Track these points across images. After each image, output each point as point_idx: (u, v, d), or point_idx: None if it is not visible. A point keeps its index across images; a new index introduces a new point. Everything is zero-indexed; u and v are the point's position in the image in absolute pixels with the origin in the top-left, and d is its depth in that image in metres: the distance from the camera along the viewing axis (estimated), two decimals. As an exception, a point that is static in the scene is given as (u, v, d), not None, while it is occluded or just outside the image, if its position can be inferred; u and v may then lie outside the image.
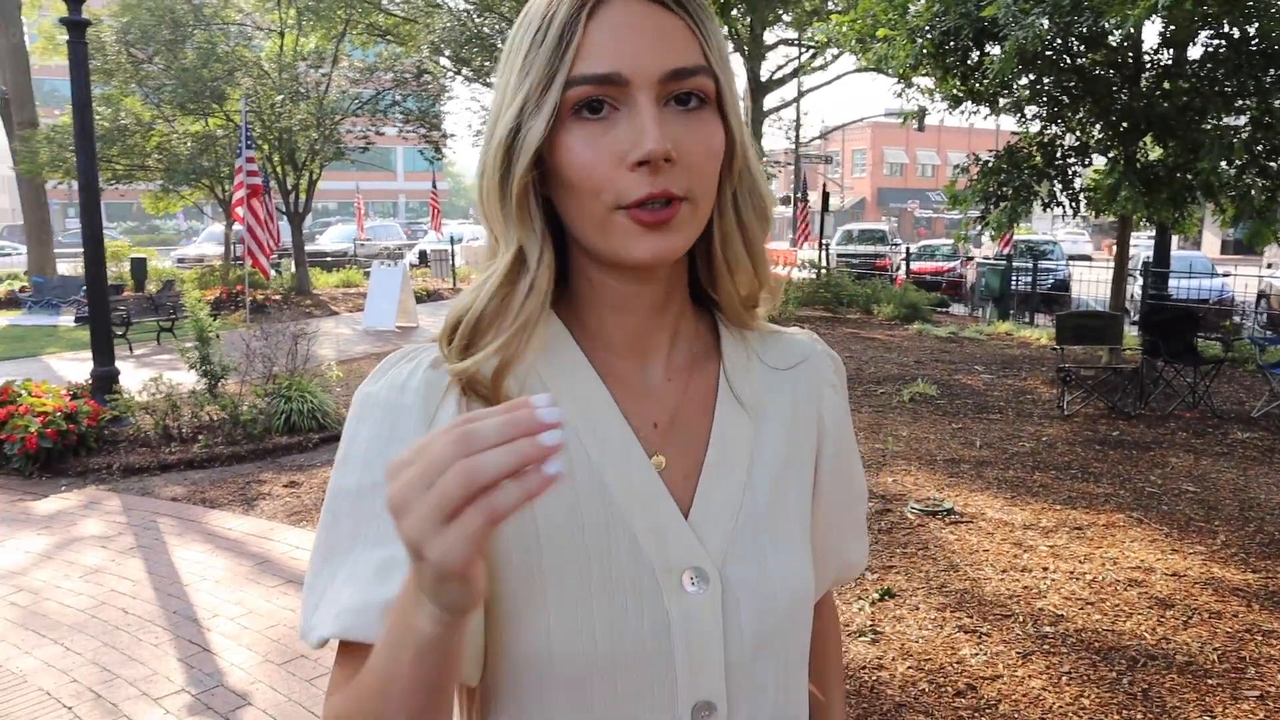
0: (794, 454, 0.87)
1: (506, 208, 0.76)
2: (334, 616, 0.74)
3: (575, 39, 0.71)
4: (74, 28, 7.51)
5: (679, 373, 0.84)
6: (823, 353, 0.93)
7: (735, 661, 0.79)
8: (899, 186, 65.77)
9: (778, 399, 0.87)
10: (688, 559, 0.78)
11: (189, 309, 8.36)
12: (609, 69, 0.71)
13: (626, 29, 0.72)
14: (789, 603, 0.82)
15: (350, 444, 0.78)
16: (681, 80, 0.73)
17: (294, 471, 6.83)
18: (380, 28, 21.36)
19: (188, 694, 3.65)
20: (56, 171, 17.72)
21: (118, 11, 18.98)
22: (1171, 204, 8.91)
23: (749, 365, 0.87)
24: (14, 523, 5.82)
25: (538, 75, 0.72)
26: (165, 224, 51.62)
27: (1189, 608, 4.31)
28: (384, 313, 14.73)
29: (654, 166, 0.71)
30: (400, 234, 34.19)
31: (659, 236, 0.73)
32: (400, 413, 0.77)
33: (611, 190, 0.72)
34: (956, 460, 6.83)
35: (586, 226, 0.75)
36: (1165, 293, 12.88)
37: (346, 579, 0.75)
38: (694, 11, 0.74)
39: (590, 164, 0.72)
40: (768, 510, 0.83)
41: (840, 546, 0.95)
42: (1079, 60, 9.33)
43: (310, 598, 0.77)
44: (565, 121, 0.73)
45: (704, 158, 0.74)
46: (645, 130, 0.71)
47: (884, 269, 21.27)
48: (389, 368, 0.80)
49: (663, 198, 0.72)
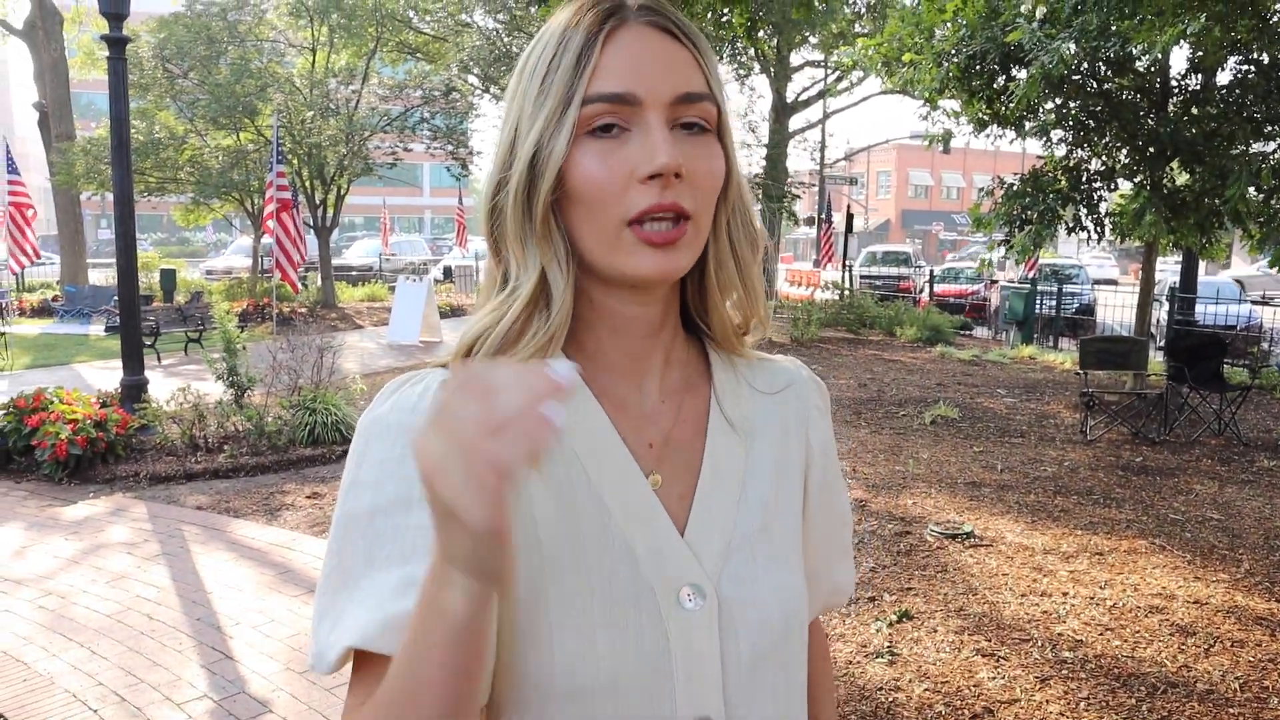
0: (784, 475, 0.89)
1: (530, 227, 0.78)
2: (354, 629, 0.73)
3: (592, 61, 0.75)
4: (114, 44, 7.67)
5: (672, 395, 0.86)
6: (808, 378, 0.96)
7: (733, 677, 0.80)
8: (924, 209, 65.55)
9: (767, 422, 0.90)
10: (685, 576, 0.79)
11: (218, 320, 8.48)
12: (624, 88, 0.75)
13: (640, 54, 0.76)
14: (783, 619, 0.83)
15: (359, 468, 0.78)
16: (690, 104, 0.77)
17: (317, 483, 6.90)
18: (410, 46, 21.64)
19: (210, 699, 3.70)
20: (91, 183, 18.04)
21: (155, 28, 19.36)
22: (1198, 229, 8.87)
23: (739, 389, 0.89)
24: (43, 528, 5.91)
25: (556, 97, 0.76)
26: (194, 236, 52.28)
27: (1210, 636, 4.27)
28: (408, 327, 14.84)
29: (665, 181, 0.75)
30: (425, 249, 34.47)
31: (665, 255, 0.76)
32: (411, 434, 0.75)
33: (621, 204, 0.75)
34: (977, 483, 6.80)
35: (595, 242, 0.77)
36: (1192, 318, 12.78)
37: (364, 600, 0.74)
38: (699, 44, 0.79)
39: (602, 178, 0.75)
40: (760, 529, 0.85)
41: (828, 570, 0.97)
42: (1105, 85, 9.33)
43: (323, 623, 0.76)
44: (579, 140, 0.76)
45: (707, 179, 0.78)
46: (658, 146, 0.74)
47: (907, 291, 21.21)
48: (393, 392, 0.81)
49: (672, 210, 0.75)
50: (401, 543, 0.74)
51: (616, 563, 0.78)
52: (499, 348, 0.78)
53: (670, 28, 0.78)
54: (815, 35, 20.80)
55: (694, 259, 0.80)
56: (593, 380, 0.83)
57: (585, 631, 0.76)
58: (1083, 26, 7.53)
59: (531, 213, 0.78)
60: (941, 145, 11.06)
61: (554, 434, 0.55)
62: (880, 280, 22.14)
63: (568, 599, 0.76)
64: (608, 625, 0.76)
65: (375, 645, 0.72)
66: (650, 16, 0.78)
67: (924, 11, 8.84)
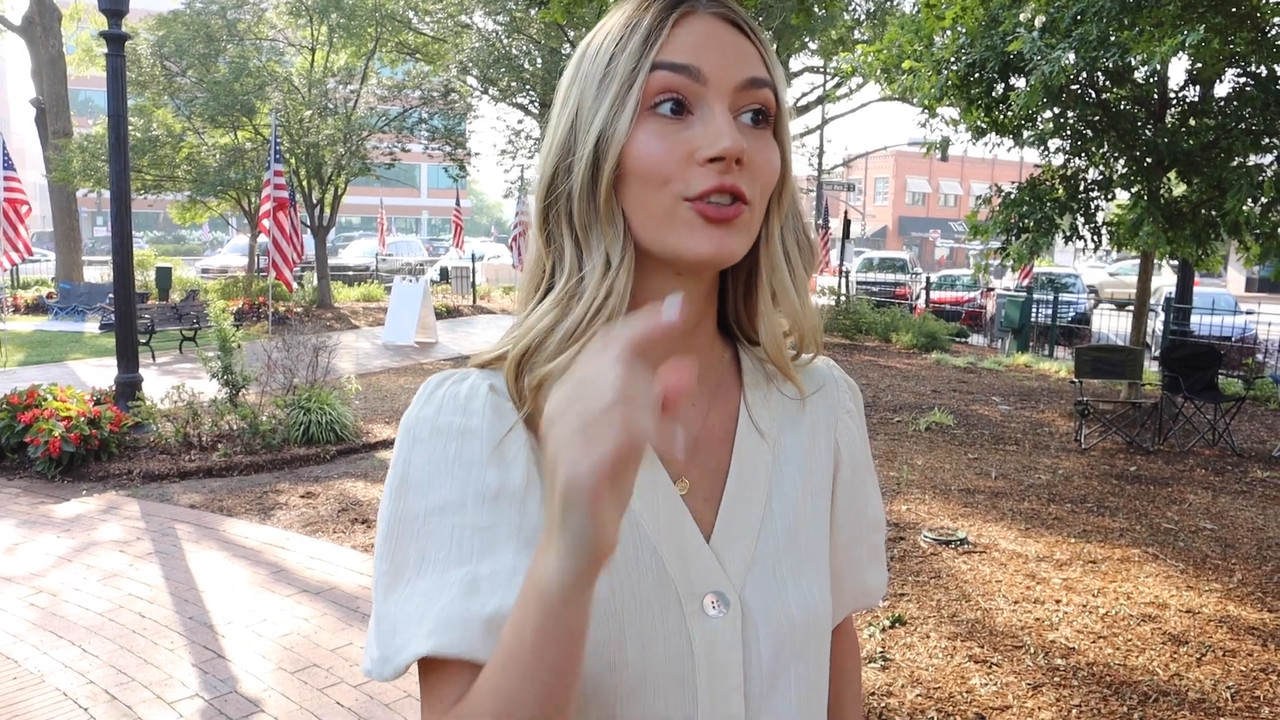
0: (811, 482, 0.88)
1: (595, 207, 0.77)
2: (427, 634, 0.71)
3: (661, 38, 0.75)
4: (113, 41, 7.66)
5: (702, 399, 0.85)
6: (839, 379, 0.95)
7: (755, 684, 0.80)
8: (921, 215, 65.67)
9: (796, 428, 0.89)
10: (710, 583, 0.79)
11: (213, 319, 8.46)
12: (691, 61, 0.75)
13: (708, 39, 0.76)
14: (806, 627, 0.83)
15: (406, 469, 0.77)
16: (755, 89, 0.77)
17: (311, 483, 6.89)
18: (409, 46, 21.64)
19: (201, 699, 3.69)
20: (88, 180, 18.00)
21: (154, 25, 19.34)
22: (1194, 240, 8.88)
23: (769, 394, 0.88)
24: (35, 525, 5.89)
25: (621, 75, 0.75)
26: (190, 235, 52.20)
27: (1203, 645, 4.27)
28: (404, 328, 14.83)
29: (726, 165, 0.73)
30: (422, 250, 34.43)
31: (722, 233, 0.75)
32: (467, 435, 0.76)
33: (681, 180, 0.74)
34: (971, 490, 6.81)
35: (651, 219, 0.76)
36: (1187, 329, 12.81)
37: (425, 600, 0.72)
38: (763, 40, 0.80)
39: (662, 155, 0.74)
40: (786, 537, 0.84)
41: (856, 573, 0.96)
42: (1104, 95, 9.35)
43: (382, 625, 0.74)
44: (642, 118, 0.75)
45: (765, 171, 0.77)
46: (721, 130, 0.73)
47: (903, 298, 21.24)
48: (435, 389, 0.80)
49: (731, 191, 0.74)
50: (460, 543, 0.73)
51: (643, 568, 0.78)
52: (567, 342, 0.76)
53: (737, 20, 0.78)
54: (815, 41, 20.85)
55: (747, 245, 0.78)
56: None
57: (614, 634, 0.75)
58: (1082, 36, 7.55)
59: (596, 196, 0.76)
60: (940, 152, 11.09)
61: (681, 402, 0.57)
62: (877, 286, 22.16)
63: (597, 602, 0.74)
64: (635, 629, 0.76)
65: (453, 650, 0.70)
66: (718, 8, 0.78)
67: (924, 19, 8.86)
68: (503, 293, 24.93)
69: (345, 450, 7.73)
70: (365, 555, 5.38)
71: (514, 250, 17.49)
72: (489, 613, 0.70)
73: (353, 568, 5.17)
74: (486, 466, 0.75)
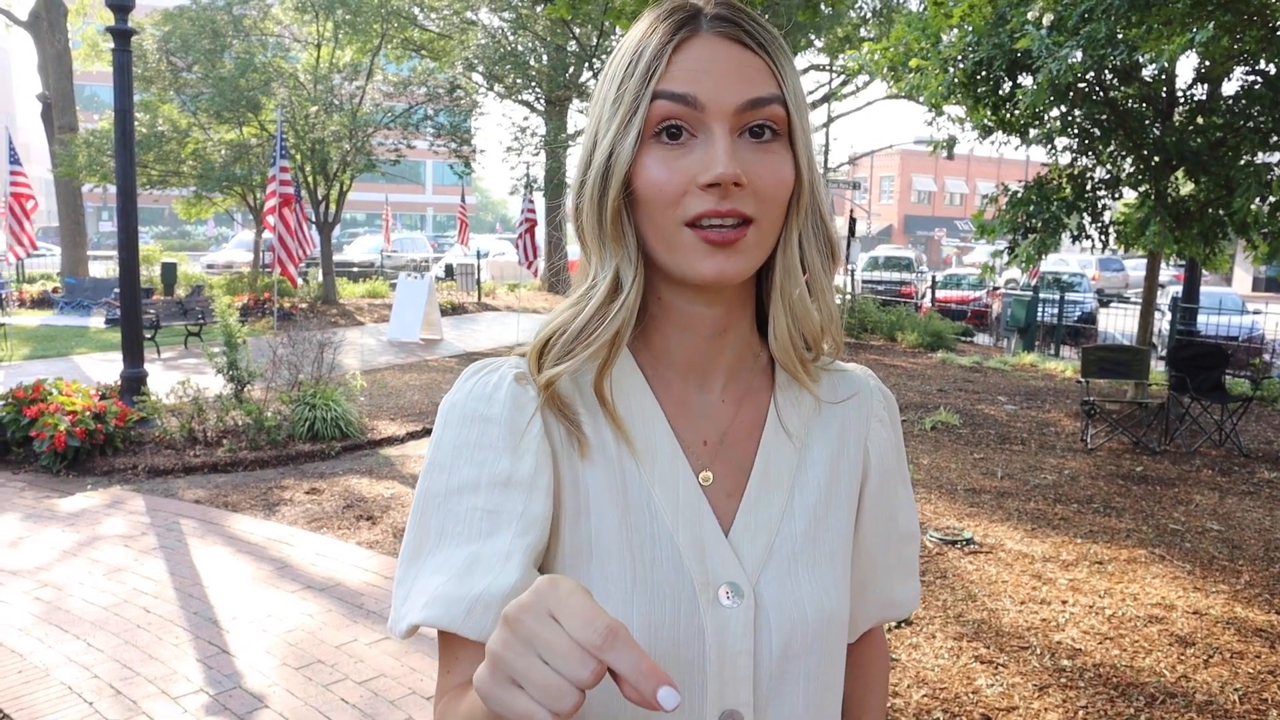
0: (836, 484, 0.89)
1: (603, 227, 0.81)
2: (421, 606, 0.77)
3: (661, 67, 0.78)
4: (119, 36, 7.66)
5: (733, 396, 0.88)
6: (875, 388, 0.97)
7: (764, 675, 0.81)
8: (926, 214, 65.58)
9: (825, 431, 0.90)
10: (725, 574, 0.81)
11: (218, 314, 8.46)
12: (686, 90, 0.77)
13: (708, 62, 0.78)
14: (818, 623, 0.84)
15: (436, 449, 0.83)
16: (756, 109, 0.78)
17: (315, 479, 6.89)
18: (415, 43, 21.63)
19: (206, 694, 3.69)
20: (94, 175, 18.03)
21: (160, 20, 19.35)
22: (1202, 240, 8.84)
23: (800, 396, 0.90)
24: (40, 519, 5.90)
25: (628, 102, 0.79)
26: (195, 230, 52.29)
27: (1210, 646, 4.26)
28: (409, 324, 14.83)
29: (724, 190, 0.76)
30: (427, 247, 34.41)
31: (723, 257, 0.78)
32: (488, 422, 0.81)
33: (680, 207, 0.78)
34: (977, 490, 6.79)
35: (658, 242, 0.80)
36: (1194, 328, 12.77)
37: (433, 572, 0.78)
38: (773, 52, 0.80)
39: (664, 181, 0.78)
40: (805, 535, 0.85)
41: (883, 583, 0.96)
42: (1112, 94, 9.31)
43: (400, 590, 0.81)
44: (647, 144, 0.78)
45: (772, 185, 0.79)
46: (717, 156, 0.76)
47: (909, 296, 21.19)
48: (469, 377, 0.85)
49: (731, 215, 0.76)
50: (470, 523, 0.79)
51: (660, 555, 0.80)
52: (579, 338, 0.81)
53: (742, 37, 0.79)
54: (821, 39, 20.80)
55: (755, 264, 0.81)
56: (656, 376, 0.86)
57: (625, 618, 0.78)
58: (1090, 34, 7.51)
59: (603, 213, 0.80)
60: (946, 151, 11.05)
61: None
62: (882, 285, 22.11)
63: (611, 586, 0.79)
64: (647, 615, 0.78)
65: (439, 623, 0.76)
66: (722, 27, 0.79)
67: (931, 17, 8.82)
68: (508, 289, 24.93)
69: (350, 446, 7.73)
70: (370, 551, 5.38)
71: (519, 247, 17.45)
72: (475, 594, 0.75)
73: (358, 564, 5.17)
74: (501, 454, 0.80)
